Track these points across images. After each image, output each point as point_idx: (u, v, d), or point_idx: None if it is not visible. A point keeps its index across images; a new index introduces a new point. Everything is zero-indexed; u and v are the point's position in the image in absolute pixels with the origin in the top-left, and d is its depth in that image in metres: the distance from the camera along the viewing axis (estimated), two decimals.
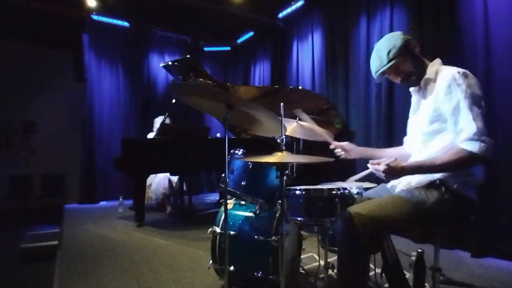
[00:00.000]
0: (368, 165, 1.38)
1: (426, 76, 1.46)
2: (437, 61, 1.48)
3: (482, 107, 1.28)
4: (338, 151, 1.80)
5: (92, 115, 5.61)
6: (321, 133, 1.98)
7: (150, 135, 4.77)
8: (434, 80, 1.42)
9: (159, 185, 4.54)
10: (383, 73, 1.47)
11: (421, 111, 1.49)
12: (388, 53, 1.42)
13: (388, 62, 1.42)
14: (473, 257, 2.62)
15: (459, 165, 1.27)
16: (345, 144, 1.80)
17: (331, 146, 1.83)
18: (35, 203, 5.65)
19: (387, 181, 1.39)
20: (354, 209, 1.29)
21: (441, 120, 1.37)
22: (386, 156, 1.71)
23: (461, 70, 1.34)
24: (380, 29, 3.71)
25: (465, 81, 1.30)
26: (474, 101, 1.27)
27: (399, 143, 1.78)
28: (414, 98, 1.58)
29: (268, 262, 1.74)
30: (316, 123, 2.19)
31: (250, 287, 1.99)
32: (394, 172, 1.29)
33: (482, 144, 1.22)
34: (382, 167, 1.29)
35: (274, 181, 1.81)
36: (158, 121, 4.79)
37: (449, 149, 1.30)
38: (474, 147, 1.22)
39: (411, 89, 1.58)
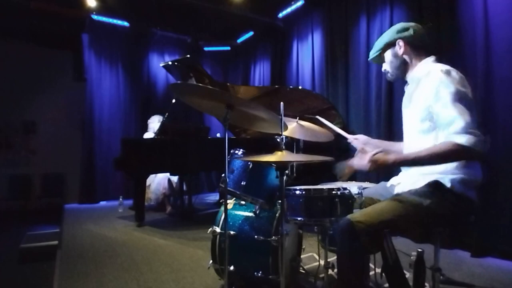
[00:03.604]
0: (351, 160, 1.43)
1: (416, 74, 1.50)
2: (430, 59, 1.49)
3: (468, 102, 1.29)
4: (355, 144, 1.77)
5: (92, 115, 5.62)
6: (339, 131, 1.95)
7: (146, 135, 4.77)
8: (425, 78, 1.44)
9: (159, 185, 4.54)
10: (373, 59, 1.66)
11: (412, 108, 1.51)
12: (376, 45, 1.61)
13: (374, 53, 1.62)
14: (473, 257, 2.62)
15: (447, 156, 1.27)
16: (359, 136, 1.79)
17: (349, 140, 1.82)
18: (35, 203, 5.65)
19: (371, 172, 1.41)
20: (354, 217, 1.29)
21: (431, 119, 1.38)
22: (397, 149, 1.73)
23: (444, 68, 1.36)
24: (380, 29, 3.71)
25: (448, 78, 1.32)
26: (459, 97, 1.28)
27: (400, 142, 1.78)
28: (407, 92, 1.59)
29: (268, 262, 1.74)
30: (316, 123, 2.19)
31: (250, 287, 1.99)
32: (378, 164, 1.33)
33: (471, 136, 1.21)
34: (367, 159, 1.33)
35: (274, 181, 1.81)
36: (152, 121, 4.80)
37: (438, 143, 1.32)
38: (462, 139, 1.22)
39: (406, 86, 1.60)
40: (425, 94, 1.39)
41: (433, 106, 1.35)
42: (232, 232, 1.84)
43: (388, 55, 1.57)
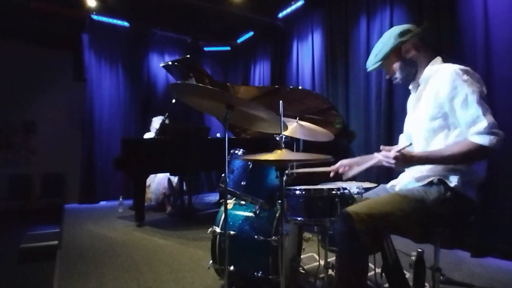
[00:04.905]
0: (376, 154, 1.39)
1: (425, 75, 1.47)
2: (438, 59, 1.48)
3: (488, 102, 1.29)
4: (341, 171, 1.75)
5: (92, 115, 5.62)
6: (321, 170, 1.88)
7: (147, 135, 4.77)
8: (433, 77, 1.42)
9: (159, 185, 4.54)
10: (374, 69, 1.58)
11: (420, 108, 1.48)
12: (377, 54, 1.53)
13: (375, 63, 1.54)
14: (473, 257, 2.62)
15: (469, 157, 1.27)
16: (340, 163, 1.75)
17: (331, 175, 1.78)
18: (35, 203, 5.65)
19: (396, 169, 1.38)
20: (352, 208, 1.29)
21: (443, 117, 1.37)
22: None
23: (463, 67, 1.34)
24: (380, 29, 3.71)
25: (469, 77, 1.31)
26: (481, 96, 1.28)
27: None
28: (413, 95, 1.58)
29: (268, 262, 1.74)
30: (316, 123, 2.19)
31: (250, 287, 1.99)
32: (404, 159, 1.30)
33: (493, 137, 1.22)
34: (393, 153, 1.29)
35: (274, 181, 1.81)
36: (155, 121, 4.80)
37: (456, 142, 1.30)
38: (485, 140, 1.22)
39: (411, 87, 1.58)
40: (435, 91, 1.37)
41: (450, 101, 1.32)
42: (232, 232, 1.84)
43: (396, 62, 1.51)
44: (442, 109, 1.36)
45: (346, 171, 1.74)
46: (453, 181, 1.33)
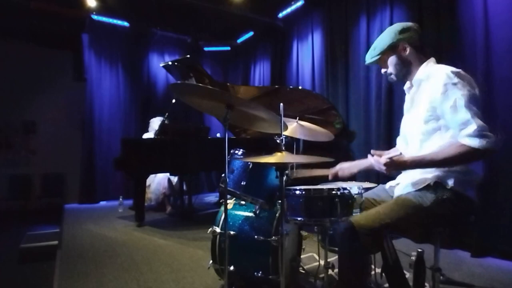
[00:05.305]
0: (369, 156, 1.39)
1: (418, 76, 1.48)
2: (431, 60, 1.49)
3: (479, 104, 1.28)
4: (341, 175, 1.74)
5: (92, 115, 5.62)
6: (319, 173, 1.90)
7: (146, 135, 4.77)
8: (427, 79, 1.43)
9: (159, 185, 4.54)
10: (371, 63, 1.59)
11: (415, 110, 1.49)
12: (375, 48, 1.54)
13: (373, 57, 1.55)
14: (473, 257, 2.62)
15: (460, 159, 1.27)
16: (338, 167, 1.74)
17: (330, 178, 1.77)
18: (35, 203, 5.65)
19: (386, 174, 1.38)
20: (356, 220, 1.29)
21: (436, 119, 1.37)
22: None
23: (454, 69, 1.34)
24: (380, 29, 3.71)
25: (459, 80, 1.30)
26: (471, 99, 1.27)
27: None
28: (408, 97, 1.58)
29: (268, 262, 1.74)
30: (316, 123, 2.19)
31: (250, 287, 1.99)
32: (395, 165, 1.31)
33: (483, 139, 1.21)
34: (383, 159, 1.30)
35: (274, 181, 1.81)
36: (154, 122, 4.80)
37: (449, 144, 1.30)
38: (475, 143, 1.22)
39: (405, 87, 1.59)
40: (429, 94, 1.38)
41: (441, 104, 1.32)
42: (232, 232, 1.84)
43: (391, 58, 1.51)
44: (435, 112, 1.36)
45: (344, 174, 1.73)
46: (450, 182, 1.33)
